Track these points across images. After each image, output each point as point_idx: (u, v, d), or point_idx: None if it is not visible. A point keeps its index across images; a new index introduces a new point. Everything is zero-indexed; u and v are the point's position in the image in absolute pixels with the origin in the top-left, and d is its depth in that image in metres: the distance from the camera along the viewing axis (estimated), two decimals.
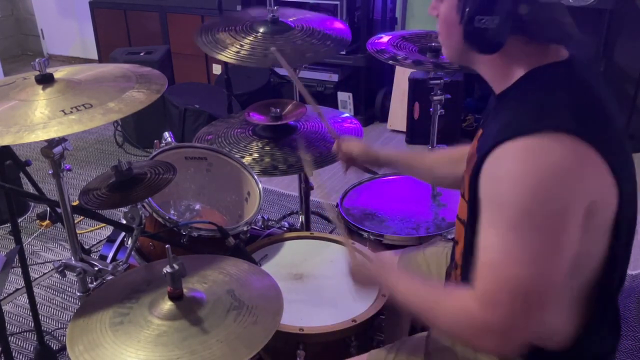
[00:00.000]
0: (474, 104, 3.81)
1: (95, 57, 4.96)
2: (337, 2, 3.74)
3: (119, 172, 1.37)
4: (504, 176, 0.93)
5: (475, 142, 1.12)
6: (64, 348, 2.13)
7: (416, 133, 3.71)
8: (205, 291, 1.16)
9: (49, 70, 1.25)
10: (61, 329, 2.28)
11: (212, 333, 1.05)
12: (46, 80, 1.24)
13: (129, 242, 1.44)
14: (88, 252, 2.55)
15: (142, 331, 1.07)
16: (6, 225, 2.90)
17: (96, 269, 1.33)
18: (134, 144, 3.75)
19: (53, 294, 2.50)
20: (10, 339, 2.08)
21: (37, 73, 1.24)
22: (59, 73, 1.30)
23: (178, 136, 2.69)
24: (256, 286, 1.21)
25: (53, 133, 1.12)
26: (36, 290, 2.44)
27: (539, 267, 0.91)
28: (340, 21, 2.09)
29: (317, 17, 2.06)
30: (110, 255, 1.84)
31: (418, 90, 3.54)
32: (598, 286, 1.02)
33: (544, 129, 0.91)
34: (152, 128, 3.41)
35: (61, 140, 1.22)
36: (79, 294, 1.36)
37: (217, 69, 4.23)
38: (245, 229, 1.63)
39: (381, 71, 4.01)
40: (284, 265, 1.57)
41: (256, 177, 1.78)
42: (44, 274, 2.62)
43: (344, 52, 3.73)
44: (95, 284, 1.34)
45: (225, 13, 2.78)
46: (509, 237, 0.92)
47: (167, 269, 1.08)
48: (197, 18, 4.16)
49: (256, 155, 1.88)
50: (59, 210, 1.47)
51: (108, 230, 2.71)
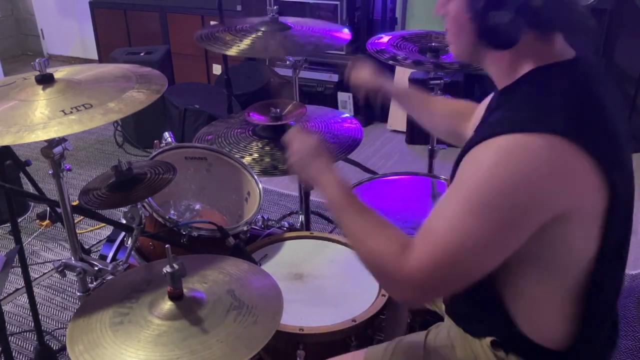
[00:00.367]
0: None
1: (95, 57, 4.97)
2: (337, 2, 3.74)
3: (119, 172, 1.37)
4: (483, 164, 0.94)
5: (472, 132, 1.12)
6: (64, 348, 2.13)
7: (416, 133, 3.71)
8: (205, 291, 1.16)
9: (49, 70, 1.26)
10: (61, 329, 2.28)
11: (212, 333, 1.05)
12: (46, 80, 1.24)
13: (129, 242, 1.45)
14: (88, 252, 2.55)
15: (142, 331, 1.07)
16: (6, 225, 2.90)
17: (96, 268, 1.33)
18: (134, 144, 3.75)
19: (53, 294, 2.50)
20: (10, 339, 2.08)
21: (37, 73, 1.24)
22: (59, 73, 1.30)
23: (178, 136, 2.69)
24: (256, 286, 1.21)
25: (53, 133, 1.12)
26: (36, 290, 2.44)
27: (475, 254, 0.93)
28: (342, 28, 2.07)
29: (317, 25, 2.06)
30: (110, 255, 1.84)
31: None
32: (592, 286, 1.02)
33: (537, 129, 0.91)
34: (152, 128, 3.41)
35: (61, 140, 1.22)
36: (79, 294, 1.36)
37: (217, 69, 4.23)
38: (245, 229, 1.63)
39: (381, 71, 4.00)
40: (284, 265, 1.57)
41: (256, 177, 1.78)
42: (44, 274, 2.62)
43: (344, 52, 3.73)
44: (95, 283, 1.34)
45: (226, 15, 2.77)
46: (461, 216, 0.93)
47: (167, 269, 1.08)
48: (197, 18, 4.16)
49: (256, 155, 1.88)
50: (59, 210, 1.47)
51: (108, 230, 2.71)
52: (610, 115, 1.00)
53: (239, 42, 1.84)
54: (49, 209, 2.60)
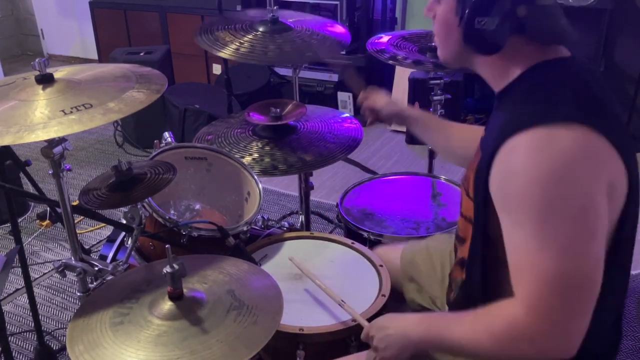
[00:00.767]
0: (474, 104, 3.81)
1: (95, 57, 4.97)
2: (337, 2, 3.74)
3: (119, 172, 1.37)
4: (519, 170, 0.91)
5: (478, 142, 1.12)
6: (64, 348, 2.13)
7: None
8: (205, 291, 1.16)
9: (49, 70, 1.26)
10: (61, 329, 2.28)
11: (212, 333, 1.05)
12: (46, 80, 1.24)
13: (129, 242, 1.44)
14: (88, 252, 2.55)
15: (142, 331, 1.07)
16: (6, 225, 2.90)
17: (96, 269, 1.33)
18: (134, 144, 3.75)
19: (53, 294, 2.50)
20: (10, 339, 2.08)
21: (37, 73, 1.24)
22: (59, 73, 1.30)
23: (178, 136, 2.69)
24: (256, 286, 1.21)
25: (53, 133, 1.12)
26: (36, 290, 2.44)
27: (575, 256, 0.88)
28: (340, 24, 2.09)
29: (316, 20, 2.06)
30: (110, 255, 1.84)
31: (418, 90, 3.54)
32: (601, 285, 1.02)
33: (554, 119, 0.91)
34: (152, 128, 3.40)
35: (61, 140, 1.22)
36: (79, 294, 1.36)
37: (217, 69, 4.23)
38: (245, 229, 1.63)
39: (381, 71, 4.01)
40: (284, 265, 1.57)
41: (256, 177, 1.78)
42: (44, 274, 2.62)
43: (344, 52, 3.73)
44: (95, 284, 1.34)
45: (225, 13, 2.78)
46: (539, 232, 0.89)
47: (167, 269, 1.08)
48: (197, 18, 4.16)
49: (256, 155, 1.88)
50: (59, 210, 1.47)
51: (108, 230, 2.71)
52: (613, 109, 1.01)
53: (238, 44, 1.83)
54: (49, 209, 2.60)
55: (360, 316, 1.30)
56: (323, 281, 1.50)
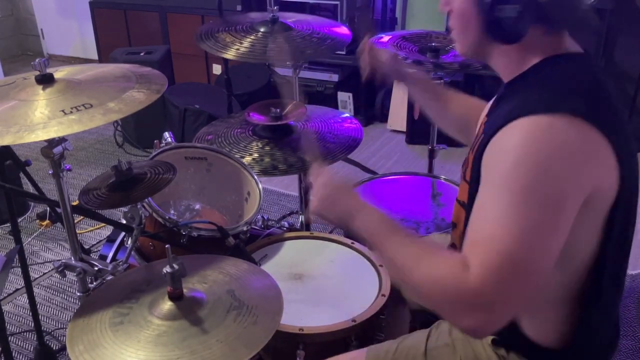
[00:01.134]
0: None
1: (95, 57, 4.97)
2: (337, 2, 3.74)
3: (119, 172, 1.37)
4: (511, 149, 0.92)
5: (481, 127, 1.12)
6: (64, 348, 2.13)
7: (416, 133, 3.71)
8: (205, 291, 1.16)
9: (49, 70, 1.25)
10: (61, 329, 2.28)
11: (212, 333, 1.05)
12: (46, 80, 1.24)
13: (129, 242, 1.45)
14: (88, 252, 2.55)
15: (142, 331, 1.07)
16: (6, 225, 2.90)
17: (96, 269, 1.33)
18: (134, 144, 3.75)
19: (53, 294, 2.50)
20: (10, 339, 2.08)
21: (37, 73, 1.24)
22: (59, 73, 1.30)
23: (178, 136, 2.68)
24: (256, 286, 1.21)
25: (53, 133, 1.12)
26: (36, 290, 2.44)
27: (534, 244, 0.89)
28: (342, 25, 2.09)
29: (317, 21, 2.06)
30: (110, 255, 1.84)
31: None
32: (593, 282, 1.02)
33: (558, 110, 0.91)
34: (152, 128, 3.40)
35: (61, 140, 1.22)
36: (79, 294, 1.36)
37: (217, 69, 4.23)
38: (245, 229, 1.63)
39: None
40: (284, 265, 1.57)
41: (256, 177, 1.78)
42: (44, 274, 2.62)
43: (343, 52, 3.73)
44: (95, 284, 1.34)
45: (226, 14, 2.78)
46: (510, 210, 0.90)
47: (167, 269, 1.08)
48: (197, 18, 4.16)
49: (256, 155, 1.88)
50: (59, 210, 1.47)
51: (108, 230, 2.70)
52: (619, 106, 1.01)
53: (238, 44, 1.83)
54: (49, 209, 2.60)
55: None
56: (323, 281, 1.50)
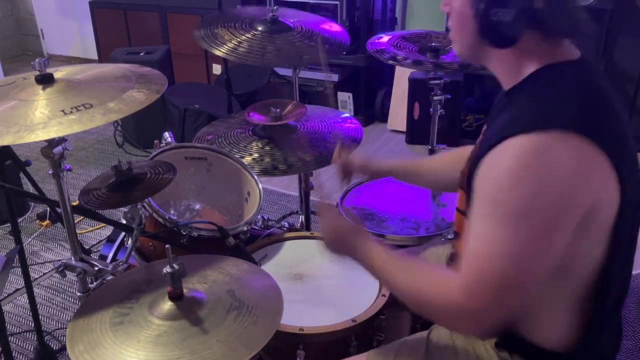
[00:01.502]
0: (474, 104, 3.81)
1: (95, 57, 4.97)
2: (337, 2, 3.74)
3: (119, 172, 1.37)
4: (504, 173, 0.92)
5: (480, 136, 1.13)
6: (64, 348, 2.13)
7: (416, 133, 3.71)
8: (205, 291, 1.16)
9: (49, 70, 1.25)
10: (61, 329, 2.28)
11: (212, 333, 1.05)
12: (46, 80, 1.24)
13: (129, 242, 1.44)
14: (88, 252, 2.55)
15: (142, 331, 1.07)
16: (6, 225, 2.90)
17: (96, 269, 1.33)
18: (134, 144, 3.75)
19: (53, 294, 2.50)
20: (10, 339, 2.08)
21: (37, 73, 1.24)
22: (59, 73, 1.30)
23: (178, 136, 2.68)
24: (256, 286, 1.21)
25: (53, 133, 1.12)
26: (36, 290, 2.44)
27: (523, 265, 0.92)
28: (339, 24, 2.09)
29: (316, 20, 2.06)
30: (110, 255, 1.84)
31: (418, 90, 3.54)
32: (598, 288, 1.02)
33: (552, 127, 0.91)
34: (152, 128, 3.40)
35: (61, 140, 1.22)
36: (79, 294, 1.36)
37: (217, 69, 4.23)
38: (245, 229, 1.63)
39: (381, 71, 4.01)
40: (284, 265, 1.57)
41: (256, 177, 1.78)
42: (44, 274, 2.62)
43: (344, 52, 3.73)
44: (95, 284, 1.34)
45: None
46: (499, 232, 0.92)
47: (167, 269, 1.08)
48: (197, 18, 4.16)
49: (256, 155, 1.88)
50: (59, 210, 1.47)
51: (108, 230, 2.71)
52: (618, 114, 1.00)
53: (237, 45, 1.83)
54: (49, 209, 2.60)
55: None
56: (323, 281, 1.50)
